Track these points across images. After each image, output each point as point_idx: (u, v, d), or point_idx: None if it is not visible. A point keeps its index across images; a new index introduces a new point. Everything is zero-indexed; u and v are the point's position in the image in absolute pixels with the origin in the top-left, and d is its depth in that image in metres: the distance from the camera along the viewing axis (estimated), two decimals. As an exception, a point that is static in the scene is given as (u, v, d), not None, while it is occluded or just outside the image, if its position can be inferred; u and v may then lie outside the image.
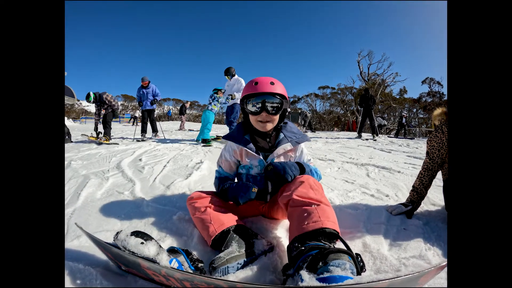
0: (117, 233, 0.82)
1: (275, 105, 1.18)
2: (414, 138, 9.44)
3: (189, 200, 1.24)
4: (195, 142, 5.51)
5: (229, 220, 1.13)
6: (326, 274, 0.69)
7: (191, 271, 0.83)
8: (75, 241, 1.10)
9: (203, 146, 4.80)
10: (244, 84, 4.65)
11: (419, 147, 5.70)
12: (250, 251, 1.01)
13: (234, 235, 1.06)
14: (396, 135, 10.40)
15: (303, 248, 0.85)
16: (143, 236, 0.82)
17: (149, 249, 0.76)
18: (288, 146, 1.26)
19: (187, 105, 14.10)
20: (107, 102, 5.56)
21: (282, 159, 1.29)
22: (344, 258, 0.73)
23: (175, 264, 0.77)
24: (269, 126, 1.23)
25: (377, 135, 7.85)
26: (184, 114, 13.29)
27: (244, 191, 1.16)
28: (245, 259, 0.97)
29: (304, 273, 0.72)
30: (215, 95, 5.61)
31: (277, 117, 1.23)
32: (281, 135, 1.29)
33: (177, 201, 1.69)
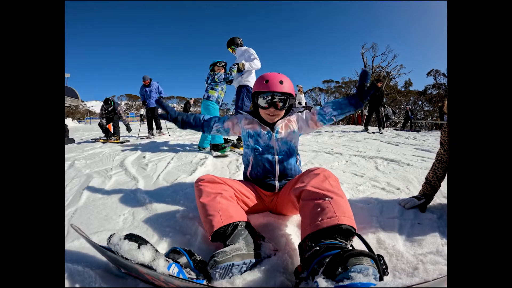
0: (110, 236, 0.76)
1: (282, 101, 1.29)
2: (420, 131, 9.26)
3: (198, 181, 1.17)
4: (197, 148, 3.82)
5: (238, 214, 1.05)
6: (346, 282, 0.62)
7: (194, 274, 0.77)
8: (75, 242, 1.05)
9: (216, 157, 3.15)
10: (254, 53, 3.60)
11: (426, 139, 5.57)
12: (257, 252, 0.94)
13: (242, 232, 0.98)
14: (403, 128, 10.20)
15: (317, 248, 0.78)
16: (138, 239, 0.76)
17: (143, 255, 0.70)
18: (285, 119, 1.37)
19: (191, 102, 14.06)
20: (117, 112, 5.84)
21: (284, 131, 1.37)
22: (366, 262, 0.66)
23: (174, 269, 0.71)
24: (276, 119, 1.35)
25: (383, 128, 7.70)
26: (188, 112, 13.28)
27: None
28: (252, 260, 0.89)
29: (321, 280, 0.64)
30: (211, 72, 3.58)
31: (283, 111, 1.34)
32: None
33: (180, 199, 1.64)
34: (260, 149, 1.35)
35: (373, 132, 7.30)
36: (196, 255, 0.85)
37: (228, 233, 0.97)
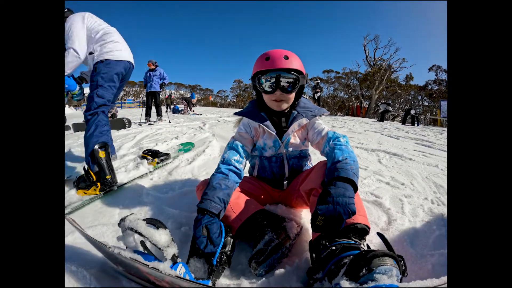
0: (125, 217, 0.72)
1: (290, 81, 1.04)
2: (419, 125, 9.26)
3: (198, 189, 1.13)
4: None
5: (251, 206, 1.03)
6: (370, 284, 0.59)
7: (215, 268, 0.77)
8: (69, 236, 0.99)
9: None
10: (74, 26, 1.75)
11: (426, 134, 5.56)
12: (287, 235, 0.96)
13: (265, 222, 0.98)
14: (403, 123, 10.13)
15: (333, 247, 0.75)
16: (156, 222, 0.74)
17: (160, 236, 0.67)
18: (304, 120, 1.13)
19: (194, 101, 13.90)
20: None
21: (297, 138, 1.18)
22: (389, 263, 0.63)
23: (181, 270, 0.66)
24: (285, 105, 1.11)
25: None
26: (190, 106, 12.91)
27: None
28: (287, 245, 0.93)
29: (344, 282, 0.62)
30: None
31: (293, 95, 1.10)
32: (294, 112, 1.15)
33: (179, 188, 1.59)
34: (267, 156, 1.21)
35: None
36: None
37: (250, 227, 0.98)
